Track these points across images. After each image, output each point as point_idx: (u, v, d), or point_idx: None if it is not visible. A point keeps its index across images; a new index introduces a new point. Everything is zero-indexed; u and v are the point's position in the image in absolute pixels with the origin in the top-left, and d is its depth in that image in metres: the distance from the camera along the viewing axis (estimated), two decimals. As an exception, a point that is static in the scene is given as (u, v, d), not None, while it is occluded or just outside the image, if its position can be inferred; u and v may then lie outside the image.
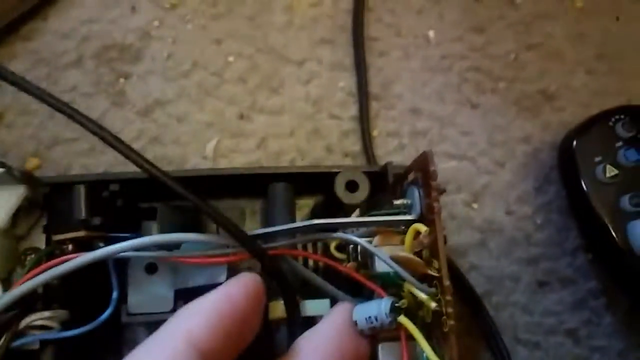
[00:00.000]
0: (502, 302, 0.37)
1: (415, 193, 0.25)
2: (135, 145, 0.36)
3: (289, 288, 0.26)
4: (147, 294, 0.27)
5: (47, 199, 0.26)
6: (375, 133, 0.39)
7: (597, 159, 0.36)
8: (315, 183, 0.32)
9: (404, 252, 0.24)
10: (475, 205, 0.39)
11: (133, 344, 0.28)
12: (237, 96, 0.38)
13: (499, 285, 0.38)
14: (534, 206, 0.39)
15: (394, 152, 0.38)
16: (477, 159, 0.39)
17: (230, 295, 0.21)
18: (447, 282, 0.23)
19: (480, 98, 0.40)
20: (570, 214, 0.39)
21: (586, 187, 0.35)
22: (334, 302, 0.30)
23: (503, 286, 0.38)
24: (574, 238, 0.39)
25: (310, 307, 0.27)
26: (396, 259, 0.23)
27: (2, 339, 0.24)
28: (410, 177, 0.26)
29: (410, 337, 0.24)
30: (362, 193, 0.28)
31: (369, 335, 0.25)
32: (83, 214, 0.25)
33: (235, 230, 0.24)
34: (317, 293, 0.29)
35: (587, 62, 0.42)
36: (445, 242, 0.23)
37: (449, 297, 0.23)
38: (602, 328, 0.37)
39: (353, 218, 0.26)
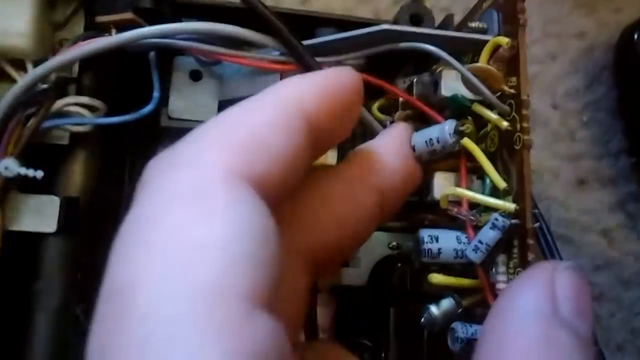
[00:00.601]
0: (540, 195, 0.36)
1: (494, 15, 0.23)
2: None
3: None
4: (190, 101, 0.25)
5: (92, -20, 0.24)
6: (428, 4, 0.36)
7: (660, 49, 0.34)
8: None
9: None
10: (521, 94, 0.37)
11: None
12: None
13: (537, 179, 0.36)
14: (582, 103, 0.37)
15: (444, 27, 0.36)
16: (529, 48, 0.37)
17: (340, 77, 0.18)
18: (525, 96, 0.21)
19: (538, -14, 0.38)
20: (618, 115, 0.37)
21: (645, 77, 0.34)
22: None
23: (542, 180, 0.36)
24: (619, 140, 0.37)
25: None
26: (474, 70, 0.22)
27: (34, 117, 0.22)
28: (486, 4, 0.24)
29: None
30: (427, 27, 0.26)
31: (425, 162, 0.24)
32: (131, -6, 0.23)
33: (290, 37, 0.22)
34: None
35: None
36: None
37: (525, 112, 0.21)
38: (636, 232, 0.36)
39: (426, 29, 0.24)
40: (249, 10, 0.23)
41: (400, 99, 0.27)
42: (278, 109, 0.16)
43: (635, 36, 0.35)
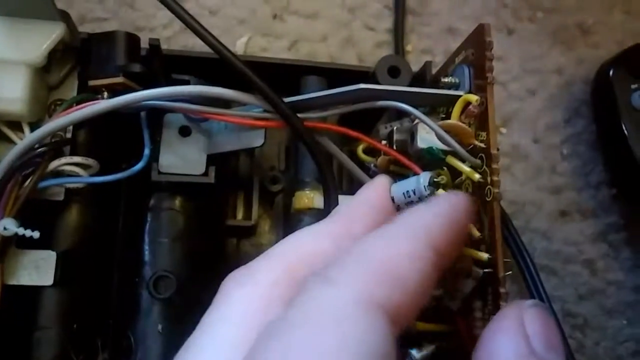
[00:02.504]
0: (523, 227, 0.37)
1: (465, 71, 0.25)
2: (166, 33, 0.36)
3: (327, 169, 0.25)
4: (179, 156, 0.26)
5: (85, 45, 0.25)
6: (409, 48, 0.38)
7: (634, 86, 0.35)
8: (349, 82, 0.32)
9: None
10: (503, 130, 0.38)
11: (158, 211, 0.27)
12: (272, -4, 0.37)
13: (520, 211, 0.37)
14: (562, 136, 0.39)
15: (426, 68, 0.38)
16: (509, 85, 0.39)
17: (459, 204, 0.19)
18: (494, 151, 0.22)
19: (517, 25, 0.40)
20: (598, 148, 0.38)
21: (621, 113, 0.35)
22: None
23: (525, 212, 0.37)
24: (599, 172, 0.38)
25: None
26: (445, 127, 0.23)
27: (31, 178, 0.23)
28: (459, 59, 0.26)
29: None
30: (404, 79, 0.28)
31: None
32: (123, 60, 0.24)
33: (272, 96, 0.24)
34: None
35: (626, 1, 0.41)
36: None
37: (495, 166, 0.22)
38: (619, 262, 0.37)
39: (401, 87, 0.25)
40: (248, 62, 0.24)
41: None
42: (411, 240, 0.17)
43: (612, 72, 0.36)
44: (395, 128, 0.27)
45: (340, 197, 0.26)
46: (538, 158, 0.38)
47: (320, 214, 0.29)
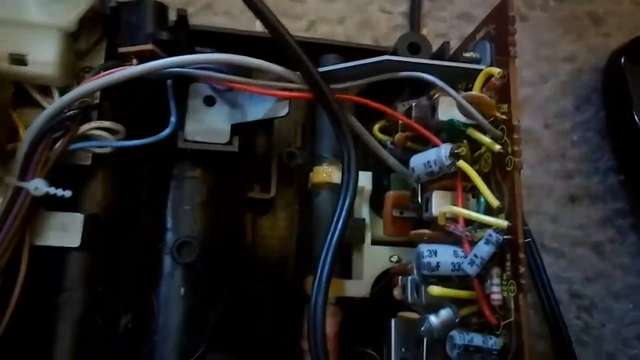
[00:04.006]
0: (533, 210, 0.37)
1: (487, 46, 0.25)
2: (189, 10, 0.36)
3: (348, 143, 0.25)
4: (204, 124, 0.26)
5: (114, 13, 0.26)
6: (424, 32, 0.38)
7: (645, 73, 0.36)
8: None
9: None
10: (515, 115, 0.39)
11: (181, 179, 0.28)
12: (291, -23, 0.38)
13: (530, 195, 0.38)
14: (572, 123, 0.39)
15: (441, 52, 0.38)
16: (521, 71, 0.39)
17: None
18: (516, 122, 0.23)
19: (529, 12, 0.40)
20: (606, 135, 0.39)
21: (632, 100, 0.36)
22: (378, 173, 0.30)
23: (534, 195, 0.38)
24: (607, 159, 0.39)
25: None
26: (468, 98, 0.23)
27: (62, 140, 0.24)
28: (479, 35, 0.26)
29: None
30: (424, 56, 0.28)
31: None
32: (152, 27, 0.25)
33: (308, 64, 0.24)
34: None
35: (637, -8, 0.42)
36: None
37: (516, 136, 0.23)
38: (626, 247, 0.38)
39: (424, 60, 0.26)
40: (269, 40, 0.25)
41: (400, 122, 0.29)
42: None
43: (622, 60, 0.37)
44: (413, 104, 0.27)
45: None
46: (548, 143, 0.39)
47: (337, 189, 0.29)
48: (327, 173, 0.30)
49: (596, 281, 0.37)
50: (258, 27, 0.36)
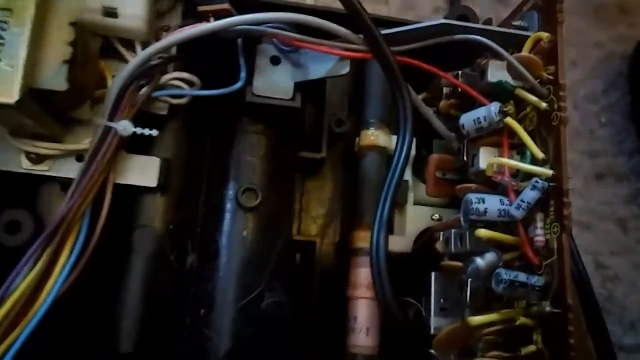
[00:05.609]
0: (561, 185, 0.39)
1: (534, 16, 0.28)
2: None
3: (404, 96, 0.28)
4: (270, 82, 0.29)
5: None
6: (462, 14, 0.41)
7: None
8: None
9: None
10: (546, 96, 0.41)
11: (246, 132, 0.30)
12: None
13: (559, 171, 0.40)
14: (600, 106, 0.41)
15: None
16: (552, 55, 0.42)
17: None
18: (562, 80, 0.25)
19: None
20: (631, 118, 0.41)
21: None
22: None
23: (563, 172, 0.40)
24: (632, 141, 0.41)
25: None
26: (518, 59, 0.26)
27: (147, 87, 0.26)
28: (527, 6, 0.29)
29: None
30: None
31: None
32: (229, -12, 0.27)
33: (370, 26, 0.26)
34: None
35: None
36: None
37: (562, 93, 0.25)
38: (649, 223, 0.40)
39: (478, 25, 0.28)
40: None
41: (444, 90, 0.31)
42: None
43: (650, 46, 0.39)
44: (459, 73, 0.30)
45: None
46: (577, 123, 0.41)
47: (382, 151, 0.32)
48: (375, 136, 0.32)
49: (620, 254, 0.39)
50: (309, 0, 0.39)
